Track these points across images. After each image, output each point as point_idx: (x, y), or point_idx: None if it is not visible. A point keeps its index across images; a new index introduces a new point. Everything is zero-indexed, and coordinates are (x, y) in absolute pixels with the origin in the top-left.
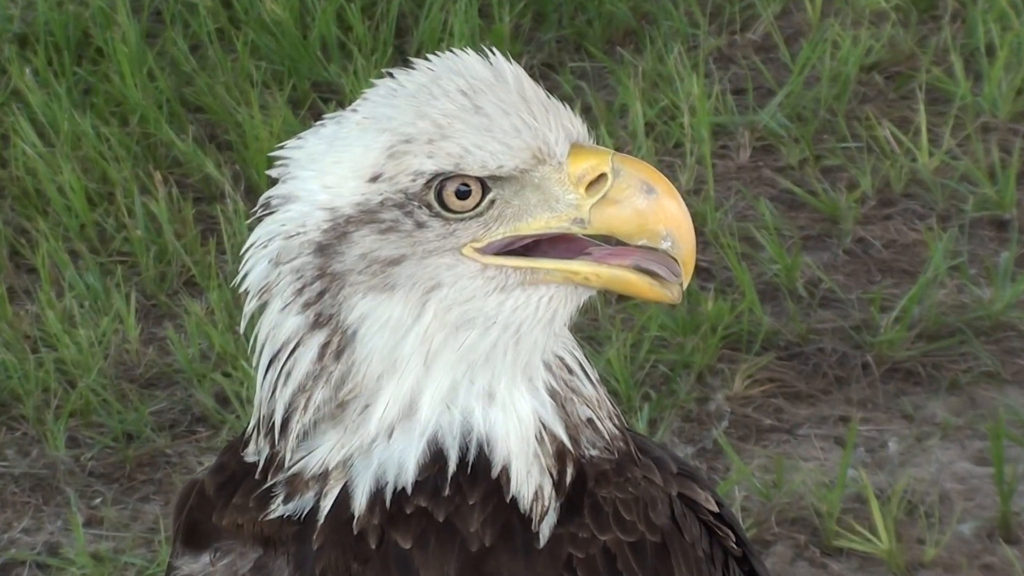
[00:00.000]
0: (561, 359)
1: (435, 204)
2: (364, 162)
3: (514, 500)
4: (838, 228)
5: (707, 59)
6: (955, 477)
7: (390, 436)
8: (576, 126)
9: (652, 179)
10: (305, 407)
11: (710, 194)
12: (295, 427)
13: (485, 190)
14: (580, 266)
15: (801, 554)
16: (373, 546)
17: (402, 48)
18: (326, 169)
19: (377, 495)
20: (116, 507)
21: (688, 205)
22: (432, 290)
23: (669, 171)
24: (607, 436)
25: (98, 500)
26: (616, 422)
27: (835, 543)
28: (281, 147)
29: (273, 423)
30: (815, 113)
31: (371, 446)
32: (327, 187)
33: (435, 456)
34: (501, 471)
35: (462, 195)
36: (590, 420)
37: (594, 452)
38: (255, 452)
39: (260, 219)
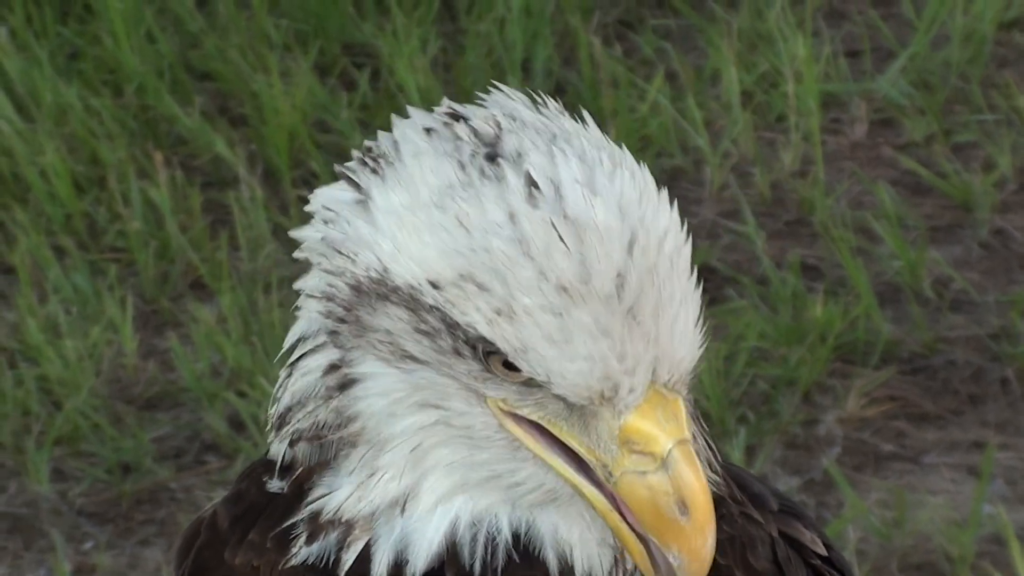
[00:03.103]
0: None
1: (481, 356)
2: (427, 259)
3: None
4: (972, 217)
5: (815, 15)
6: None
7: (403, 509)
8: (674, 369)
9: (691, 503)
10: (305, 417)
11: (819, 177)
12: (290, 428)
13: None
14: (593, 497)
15: None
16: None
17: (450, 3)
18: (392, 231)
19: (397, 568)
20: (110, 552)
21: (793, 190)
22: (441, 405)
23: (770, 148)
24: None
25: (89, 544)
26: (708, 451)
27: None
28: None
29: (279, 419)
30: (944, 80)
31: (391, 510)
32: (393, 241)
33: (454, 551)
34: (559, 556)
35: (510, 367)
36: None
37: None
38: (279, 480)
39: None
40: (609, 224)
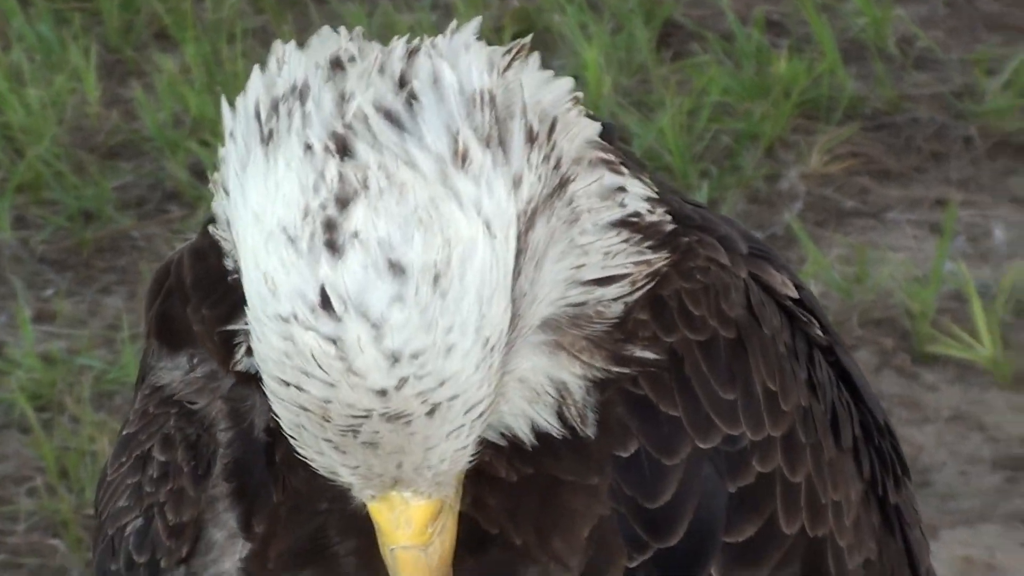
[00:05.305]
0: None
1: None
2: (245, 283)
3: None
4: None
5: None
6: None
7: None
8: (419, 487)
9: None
10: (224, 239)
11: None
12: (217, 232)
13: None
14: None
15: (888, 361)
16: None
17: None
18: (239, 228)
19: None
20: (71, 299)
21: None
22: None
23: None
24: (652, 254)
25: (50, 291)
26: (654, 208)
27: (929, 348)
28: None
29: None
30: None
31: None
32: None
33: None
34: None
35: None
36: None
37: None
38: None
39: None
40: (370, 372)
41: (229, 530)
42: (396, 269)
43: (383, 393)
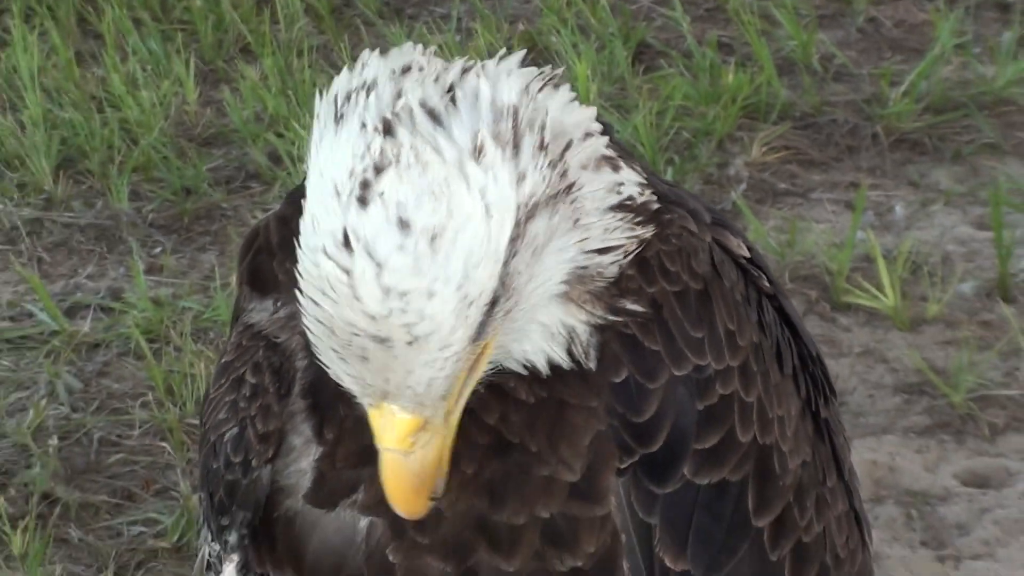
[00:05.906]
0: None
1: None
2: (306, 213)
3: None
4: (851, 8)
5: None
6: (957, 240)
7: None
8: (405, 403)
9: (386, 493)
10: None
11: None
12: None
13: None
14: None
15: (812, 308)
16: None
17: None
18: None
19: None
20: (175, 256)
21: None
22: None
23: None
24: (635, 232)
25: (158, 249)
26: (640, 193)
27: (844, 299)
28: None
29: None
30: None
31: None
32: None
33: None
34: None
35: None
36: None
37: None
38: None
39: None
40: (368, 299)
41: (305, 437)
42: (403, 225)
43: (374, 318)
